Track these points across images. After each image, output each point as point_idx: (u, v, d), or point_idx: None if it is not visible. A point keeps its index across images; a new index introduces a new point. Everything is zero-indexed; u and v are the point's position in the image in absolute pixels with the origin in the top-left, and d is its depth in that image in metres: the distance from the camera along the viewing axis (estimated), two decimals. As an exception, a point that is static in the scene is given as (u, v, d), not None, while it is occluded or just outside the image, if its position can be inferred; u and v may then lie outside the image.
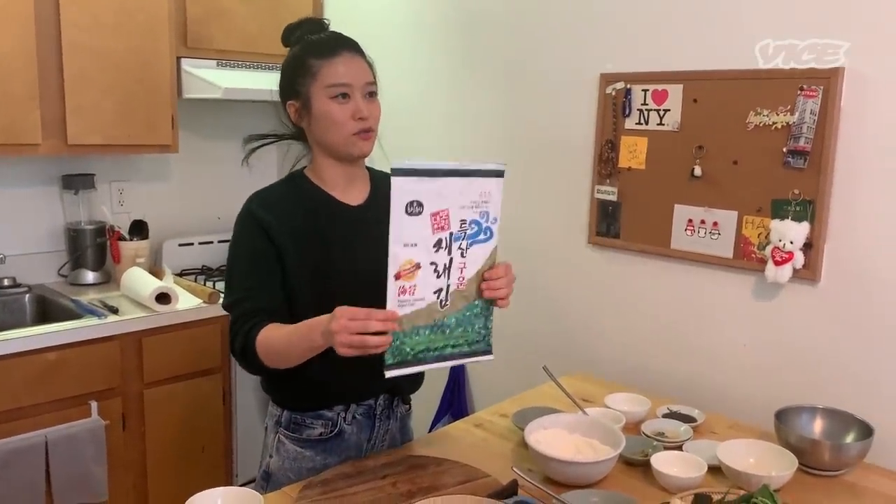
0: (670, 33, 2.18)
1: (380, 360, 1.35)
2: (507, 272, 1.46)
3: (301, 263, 1.51)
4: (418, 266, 1.32)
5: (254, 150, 1.66)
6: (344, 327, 1.29)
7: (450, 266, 1.36)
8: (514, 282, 1.49)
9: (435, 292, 1.35)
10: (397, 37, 2.89)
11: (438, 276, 1.35)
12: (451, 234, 1.34)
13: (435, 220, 1.32)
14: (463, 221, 1.36)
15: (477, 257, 1.40)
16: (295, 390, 1.60)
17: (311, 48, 1.53)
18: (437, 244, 1.33)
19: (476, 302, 1.42)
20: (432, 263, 1.33)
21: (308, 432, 1.60)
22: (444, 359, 1.40)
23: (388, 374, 1.35)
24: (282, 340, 1.43)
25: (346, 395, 1.61)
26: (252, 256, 1.52)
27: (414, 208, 1.29)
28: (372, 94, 1.54)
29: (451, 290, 1.37)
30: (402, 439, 1.73)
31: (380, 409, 1.65)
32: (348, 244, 1.54)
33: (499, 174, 1.40)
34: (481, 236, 1.39)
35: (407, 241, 1.30)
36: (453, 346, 1.41)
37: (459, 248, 1.36)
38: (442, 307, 1.37)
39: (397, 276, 1.31)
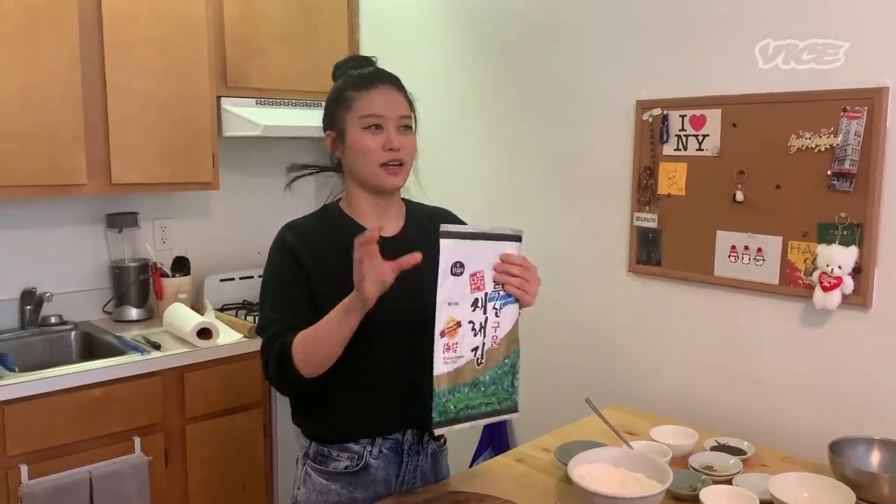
0: (706, 58, 2.16)
1: (408, 397, 1.45)
2: (524, 262, 1.44)
3: (328, 291, 1.49)
4: (459, 324, 1.37)
5: (297, 177, 1.70)
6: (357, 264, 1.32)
7: (485, 325, 1.41)
8: (540, 284, 1.48)
9: (472, 350, 1.40)
10: (432, 68, 2.92)
11: (475, 335, 1.40)
12: (486, 293, 1.40)
13: (473, 280, 1.38)
14: (496, 283, 1.41)
15: (508, 317, 1.44)
16: (320, 422, 1.60)
17: (350, 81, 1.57)
18: (474, 303, 1.39)
19: (505, 360, 1.45)
20: (470, 322, 1.39)
21: (334, 465, 1.59)
22: (480, 416, 1.44)
23: (437, 431, 1.40)
24: (317, 327, 1.42)
25: (371, 429, 1.58)
26: (282, 283, 1.54)
27: (457, 269, 1.36)
28: (406, 128, 1.55)
29: (486, 347, 1.41)
30: (434, 477, 1.69)
31: (408, 444, 1.62)
32: None
33: (517, 238, 1.44)
34: (510, 297, 1.43)
35: (451, 300, 1.36)
36: (486, 404, 1.44)
37: (494, 307, 1.41)
38: (478, 365, 1.41)
39: (442, 334, 1.36)
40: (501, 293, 1.41)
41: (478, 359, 1.40)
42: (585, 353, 2.54)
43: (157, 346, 2.52)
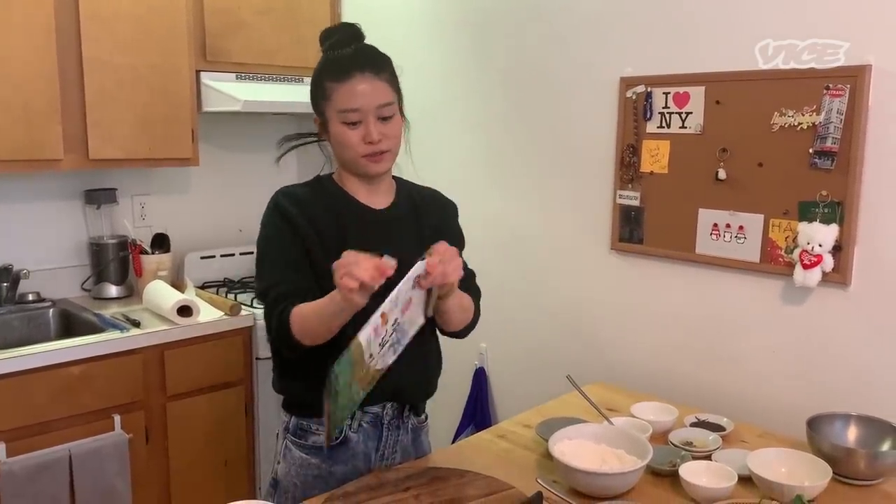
0: (690, 35, 2.15)
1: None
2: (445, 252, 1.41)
3: (320, 257, 1.51)
4: (386, 321, 1.36)
5: (291, 148, 1.67)
6: (340, 265, 1.33)
7: (384, 342, 1.38)
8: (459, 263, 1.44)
9: (369, 355, 1.37)
10: (414, 44, 2.89)
11: (381, 344, 1.38)
12: (396, 320, 1.38)
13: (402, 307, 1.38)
14: (396, 321, 1.39)
15: (385, 357, 1.40)
16: (300, 394, 1.61)
17: (328, 68, 1.53)
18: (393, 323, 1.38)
19: (361, 392, 1.41)
20: (384, 329, 1.36)
21: (314, 439, 1.60)
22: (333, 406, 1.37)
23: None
24: (314, 308, 1.44)
25: None
26: (280, 244, 1.54)
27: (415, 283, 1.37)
28: (387, 118, 1.51)
29: (374, 359, 1.38)
30: (415, 453, 1.69)
31: (387, 418, 1.62)
32: (366, 243, 1.54)
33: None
34: (398, 345, 1.41)
35: (396, 303, 1.35)
36: (341, 408, 1.39)
37: (392, 339, 1.39)
38: (369, 360, 1.37)
39: (382, 315, 1.34)
40: (397, 335, 1.40)
41: (372, 354, 1.37)
42: (567, 331, 2.55)
43: (136, 324, 2.50)
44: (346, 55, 1.52)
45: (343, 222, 1.55)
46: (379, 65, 1.53)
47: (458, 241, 1.71)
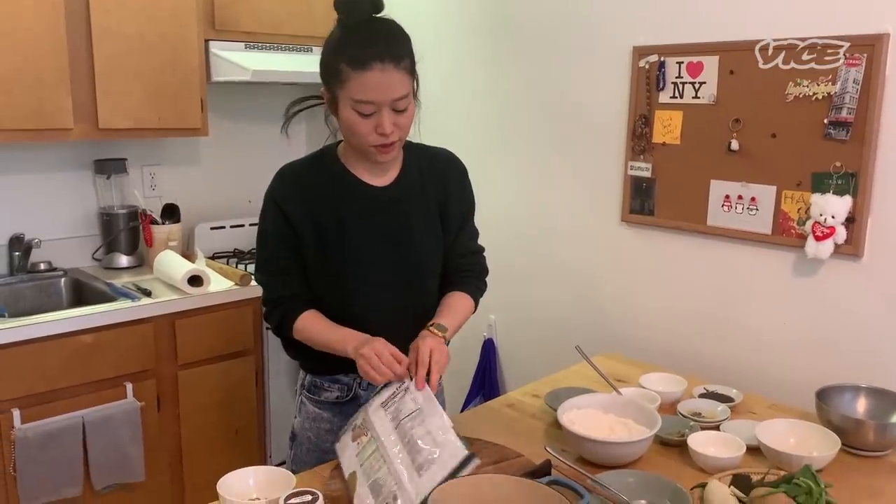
0: (704, 3, 2.11)
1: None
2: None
3: (314, 237, 1.54)
4: None
5: (295, 114, 1.63)
6: (369, 358, 1.43)
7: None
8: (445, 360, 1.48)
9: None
10: (425, 14, 2.86)
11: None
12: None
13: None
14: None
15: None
16: (312, 354, 1.63)
17: (345, 50, 1.42)
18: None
19: None
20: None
21: (326, 395, 1.66)
22: None
23: None
24: (318, 336, 1.57)
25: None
26: (276, 240, 1.58)
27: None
28: (401, 109, 1.45)
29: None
30: None
31: None
32: (362, 222, 1.56)
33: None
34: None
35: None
36: None
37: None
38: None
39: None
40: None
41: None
42: (577, 302, 2.55)
43: (147, 293, 2.51)
44: (365, 38, 1.41)
45: (342, 205, 1.54)
46: (399, 53, 1.42)
47: (467, 207, 1.70)
